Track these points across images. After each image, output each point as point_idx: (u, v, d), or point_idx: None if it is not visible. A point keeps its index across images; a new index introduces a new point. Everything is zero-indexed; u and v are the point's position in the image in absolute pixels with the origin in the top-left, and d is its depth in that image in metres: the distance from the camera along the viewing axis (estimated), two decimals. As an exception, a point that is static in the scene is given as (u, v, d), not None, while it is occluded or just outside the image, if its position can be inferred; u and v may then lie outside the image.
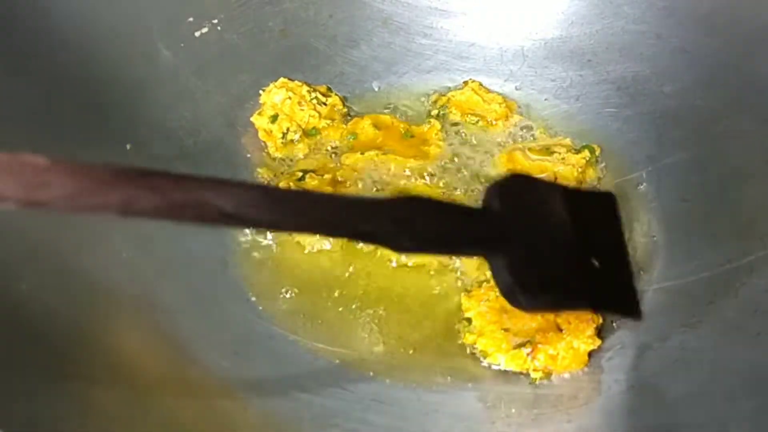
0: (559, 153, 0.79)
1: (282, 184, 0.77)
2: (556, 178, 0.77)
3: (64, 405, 0.54)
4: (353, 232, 0.48)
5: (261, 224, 0.49)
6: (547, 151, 0.80)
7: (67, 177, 0.38)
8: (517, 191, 0.54)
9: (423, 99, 0.88)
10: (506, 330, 0.64)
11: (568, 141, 0.81)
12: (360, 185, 0.77)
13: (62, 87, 0.72)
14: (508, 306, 0.58)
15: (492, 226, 0.52)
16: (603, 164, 0.80)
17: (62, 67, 0.73)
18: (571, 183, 0.77)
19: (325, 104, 0.84)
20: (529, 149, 0.80)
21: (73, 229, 0.65)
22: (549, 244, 0.55)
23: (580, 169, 0.78)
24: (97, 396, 0.57)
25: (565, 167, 0.77)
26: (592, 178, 0.79)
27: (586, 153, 0.79)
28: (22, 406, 0.52)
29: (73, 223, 0.66)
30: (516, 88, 0.88)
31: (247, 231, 0.74)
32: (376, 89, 0.88)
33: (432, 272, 0.71)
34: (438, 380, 0.65)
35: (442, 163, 0.80)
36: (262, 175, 0.79)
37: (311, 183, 0.77)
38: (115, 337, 0.62)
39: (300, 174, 0.78)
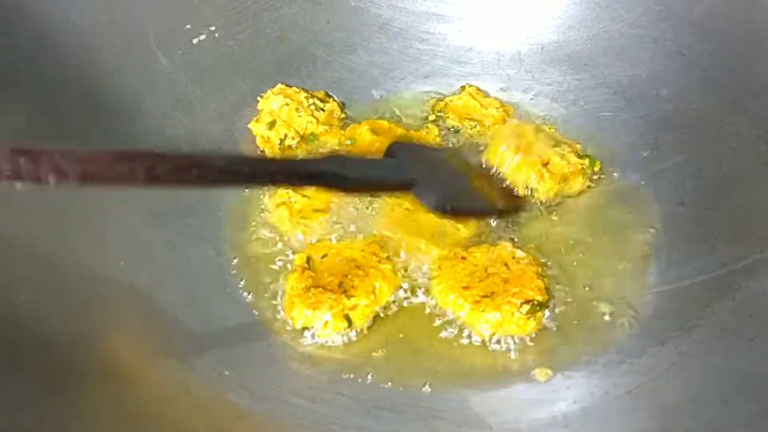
0: (563, 149, 0.78)
1: (281, 191, 0.77)
2: (547, 164, 0.77)
3: (63, 410, 0.55)
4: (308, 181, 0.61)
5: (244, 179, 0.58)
6: (556, 141, 0.80)
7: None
8: (406, 150, 0.73)
9: (420, 104, 0.88)
10: (466, 288, 0.70)
11: (578, 146, 0.81)
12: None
13: (60, 95, 0.73)
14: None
15: (403, 170, 0.69)
16: (598, 169, 0.80)
17: (60, 75, 0.74)
18: (556, 176, 0.76)
19: (323, 110, 0.84)
20: (543, 130, 0.81)
21: (71, 237, 0.65)
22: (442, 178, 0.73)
23: (570, 168, 0.77)
24: (96, 402, 0.57)
25: (561, 161, 0.77)
26: (576, 183, 0.78)
27: (587, 161, 0.79)
28: (21, 412, 0.53)
29: (71, 232, 0.66)
30: (513, 93, 0.88)
31: (246, 240, 0.75)
32: (374, 95, 0.89)
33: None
34: (436, 385, 0.65)
35: (440, 168, 0.81)
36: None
37: (309, 189, 0.77)
38: (113, 345, 0.62)
39: (297, 180, 0.78)
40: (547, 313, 0.69)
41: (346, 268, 0.71)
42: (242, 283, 0.72)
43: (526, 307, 0.67)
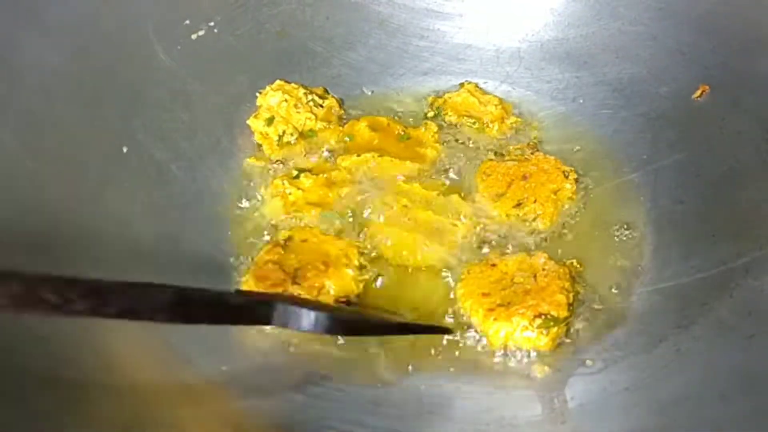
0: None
1: (277, 182, 0.77)
2: (535, 200, 0.76)
3: (62, 408, 0.54)
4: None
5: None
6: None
7: None
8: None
9: (419, 101, 0.88)
10: (486, 294, 0.69)
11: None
12: (355, 187, 0.78)
13: (59, 90, 0.73)
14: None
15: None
16: (598, 167, 0.80)
17: (59, 69, 0.73)
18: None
19: (321, 106, 0.84)
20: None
21: (68, 231, 0.65)
22: None
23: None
24: (95, 399, 0.57)
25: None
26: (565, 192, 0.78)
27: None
28: (20, 410, 0.52)
29: (68, 226, 0.66)
30: (512, 90, 0.88)
31: (245, 235, 0.75)
32: (373, 91, 0.89)
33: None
34: (433, 382, 0.65)
35: (438, 165, 0.80)
36: (252, 164, 0.80)
37: (306, 182, 0.77)
38: (112, 342, 0.62)
39: (295, 173, 0.78)
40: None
41: (312, 259, 0.70)
42: (241, 280, 0.71)
43: (539, 321, 0.66)
